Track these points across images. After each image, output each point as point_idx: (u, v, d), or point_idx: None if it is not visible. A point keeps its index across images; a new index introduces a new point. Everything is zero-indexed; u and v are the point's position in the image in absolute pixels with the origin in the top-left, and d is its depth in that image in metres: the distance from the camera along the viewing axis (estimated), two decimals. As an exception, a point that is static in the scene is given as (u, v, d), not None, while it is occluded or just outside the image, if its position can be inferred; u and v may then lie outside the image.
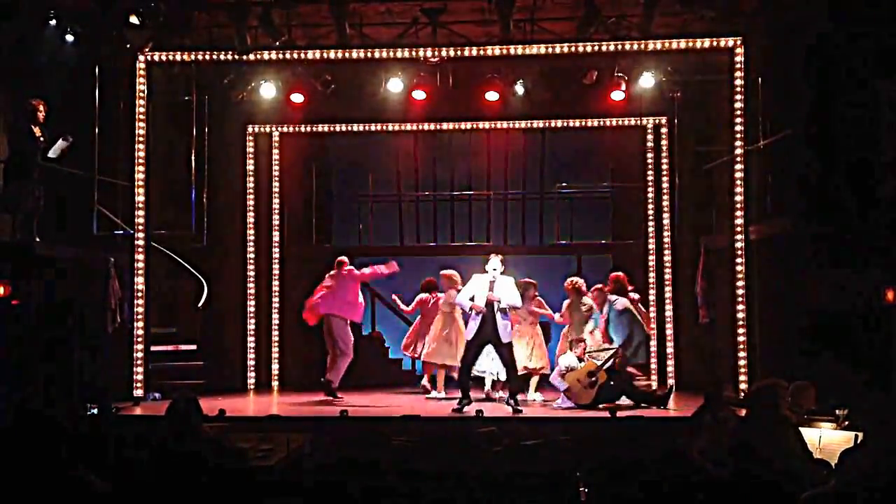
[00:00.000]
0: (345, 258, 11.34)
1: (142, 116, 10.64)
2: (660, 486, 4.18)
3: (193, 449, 5.32)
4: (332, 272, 11.17)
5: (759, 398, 5.99)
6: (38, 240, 9.65)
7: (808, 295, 9.54)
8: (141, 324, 10.54)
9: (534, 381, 10.79)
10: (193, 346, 12.00)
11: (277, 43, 10.73)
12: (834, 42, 9.29)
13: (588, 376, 9.85)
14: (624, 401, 10.01)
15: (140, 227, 10.58)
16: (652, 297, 12.46)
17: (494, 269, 9.73)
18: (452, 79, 11.57)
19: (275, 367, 12.88)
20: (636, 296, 11.08)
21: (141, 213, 10.60)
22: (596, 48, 10.52)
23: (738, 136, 10.43)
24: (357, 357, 11.30)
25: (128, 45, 10.45)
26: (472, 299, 9.66)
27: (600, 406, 9.72)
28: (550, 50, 10.51)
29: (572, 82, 11.64)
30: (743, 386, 10.01)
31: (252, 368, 12.67)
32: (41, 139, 9.69)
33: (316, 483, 4.93)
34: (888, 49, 8.85)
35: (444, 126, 13.25)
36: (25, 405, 8.67)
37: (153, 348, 11.00)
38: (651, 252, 12.73)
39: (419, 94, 11.48)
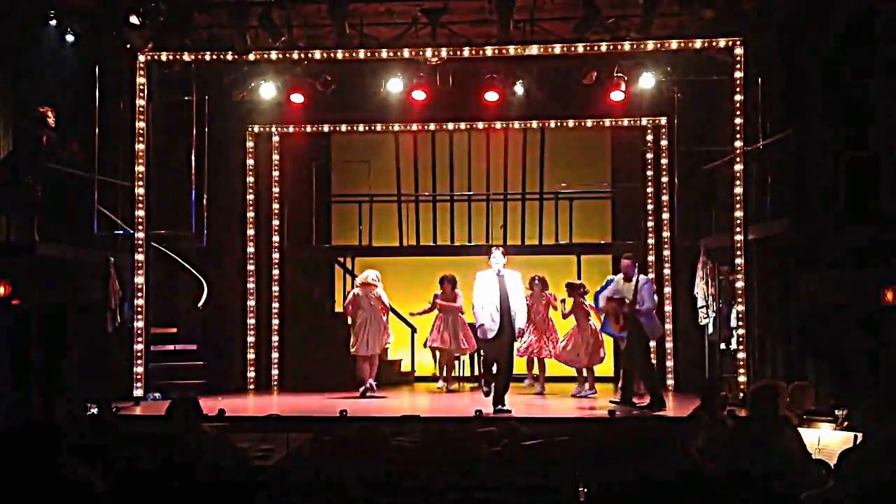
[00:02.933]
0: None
1: (142, 116, 10.66)
2: (658, 486, 4.19)
3: (193, 449, 5.33)
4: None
5: (758, 398, 6.00)
6: (38, 240, 9.66)
7: (808, 295, 9.54)
8: (141, 324, 10.56)
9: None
10: (193, 346, 12.01)
11: (277, 43, 10.74)
12: (834, 41, 9.30)
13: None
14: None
15: (140, 227, 10.60)
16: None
17: (497, 263, 9.66)
18: (452, 79, 11.56)
19: (274, 366, 12.88)
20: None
21: (141, 212, 10.62)
22: (595, 48, 10.53)
23: (738, 136, 10.44)
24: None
25: (128, 45, 10.47)
26: (483, 307, 9.53)
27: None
28: (550, 50, 10.53)
29: (572, 82, 11.63)
30: (742, 386, 10.02)
31: (252, 368, 12.67)
32: (47, 144, 9.73)
33: (316, 483, 4.94)
34: (889, 48, 8.86)
35: (444, 126, 13.26)
36: (27, 408, 8.71)
37: (153, 348, 11.02)
38: (651, 252, 12.74)
39: (419, 95, 11.48)
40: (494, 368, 9.77)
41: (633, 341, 9.96)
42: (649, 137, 12.89)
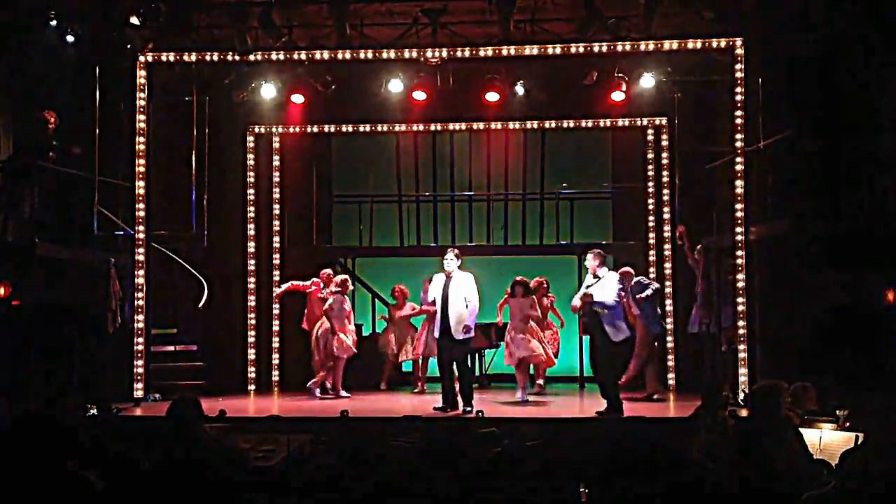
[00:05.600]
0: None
1: (142, 117, 10.65)
2: (660, 487, 4.18)
3: (194, 450, 5.32)
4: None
5: (759, 399, 5.99)
6: (38, 240, 9.66)
7: (809, 295, 9.54)
8: (141, 324, 10.55)
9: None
10: (194, 347, 12.01)
11: (278, 44, 10.73)
12: (834, 42, 9.30)
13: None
14: None
15: (140, 228, 10.59)
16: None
17: (448, 265, 9.75)
18: (453, 79, 11.56)
19: (275, 367, 12.87)
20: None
21: (141, 213, 10.61)
22: (596, 49, 10.53)
23: (739, 136, 10.44)
24: (357, 358, 11.42)
25: (128, 46, 10.46)
26: (432, 302, 9.88)
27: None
28: (551, 50, 10.52)
29: (573, 83, 11.63)
30: (744, 387, 10.01)
31: (252, 369, 12.66)
32: (49, 148, 9.74)
33: (316, 484, 4.93)
34: (890, 49, 8.86)
35: (445, 126, 13.26)
36: (26, 408, 8.69)
37: (153, 349, 11.01)
38: (651, 252, 12.73)
39: (419, 95, 11.48)
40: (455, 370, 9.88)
41: (595, 341, 9.54)
42: (650, 137, 12.90)
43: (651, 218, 12.82)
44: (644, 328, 10.89)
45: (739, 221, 10.37)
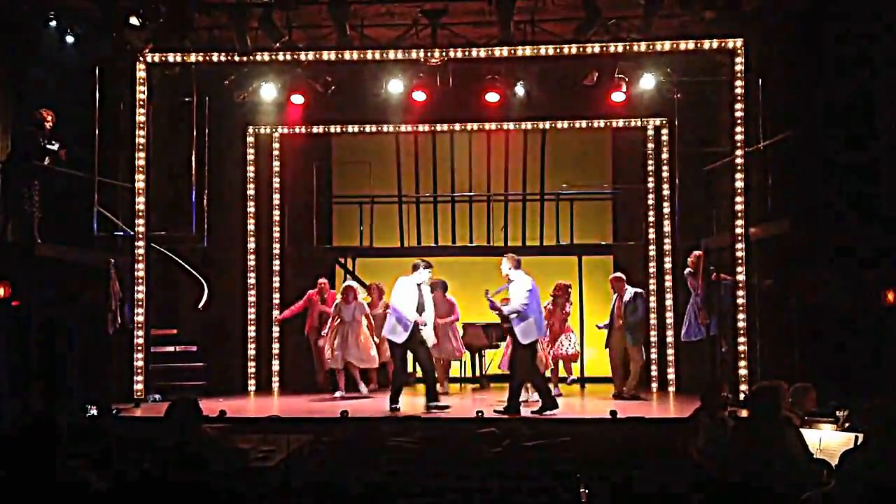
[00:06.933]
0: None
1: (142, 117, 10.65)
2: (659, 487, 4.19)
3: (194, 450, 5.32)
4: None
5: (759, 400, 6.00)
6: (38, 241, 9.66)
7: (808, 296, 9.53)
8: (141, 325, 10.55)
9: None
10: (194, 348, 12.01)
11: (278, 44, 10.73)
12: (834, 43, 9.31)
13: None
14: None
15: (140, 229, 10.59)
16: (653, 299, 12.46)
17: (423, 278, 10.06)
18: (453, 80, 11.55)
19: (275, 368, 12.87)
20: None
21: (141, 214, 10.61)
22: (596, 49, 10.52)
23: (739, 137, 10.44)
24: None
25: (128, 47, 10.46)
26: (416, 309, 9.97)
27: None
28: (551, 51, 10.52)
29: (573, 83, 11.63)
30: (743, 388, 10.01)
31: (252, 369, 12.66)
32: (45, 146, 9.74)
33: (316, 484, 4.94)
34: (889, 49, 8.86)
35: (445, 127, 13.25)
36: (27, 409, 8.71)
37: (153, 349, 11.01)
38: (651, 253, 12.73)
39: (419, 96, 11.47)
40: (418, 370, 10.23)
41: (512, 344, 9.97)
42: (650, 138, 12.89)
43: (651, 218, 12.82)
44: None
45: (739, 222, 10.37)
